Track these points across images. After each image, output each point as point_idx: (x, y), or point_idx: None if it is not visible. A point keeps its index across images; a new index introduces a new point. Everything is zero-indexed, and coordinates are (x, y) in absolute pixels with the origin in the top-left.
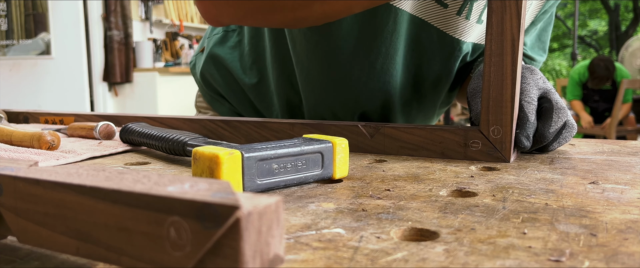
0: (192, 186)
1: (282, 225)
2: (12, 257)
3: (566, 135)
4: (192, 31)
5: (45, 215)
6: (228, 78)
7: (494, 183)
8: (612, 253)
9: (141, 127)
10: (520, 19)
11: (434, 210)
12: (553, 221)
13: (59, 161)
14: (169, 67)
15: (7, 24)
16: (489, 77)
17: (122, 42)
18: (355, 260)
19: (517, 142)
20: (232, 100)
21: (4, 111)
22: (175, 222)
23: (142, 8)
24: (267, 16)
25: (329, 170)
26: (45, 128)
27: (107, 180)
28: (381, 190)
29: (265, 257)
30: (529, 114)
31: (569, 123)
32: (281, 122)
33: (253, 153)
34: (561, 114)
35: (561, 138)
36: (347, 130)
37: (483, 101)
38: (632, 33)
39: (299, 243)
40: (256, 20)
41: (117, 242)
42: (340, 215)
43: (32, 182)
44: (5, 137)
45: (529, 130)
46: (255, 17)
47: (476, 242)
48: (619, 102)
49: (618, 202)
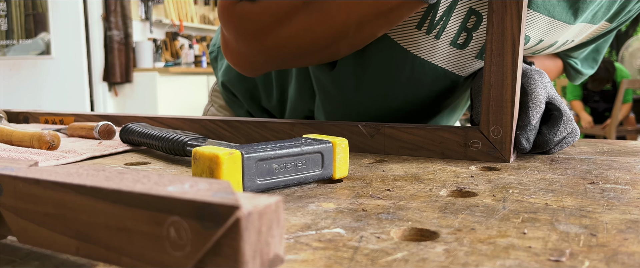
0: (192, 186)
1: (282, 225)
2: (12, 257)
3: (569, 140)
4: (192, 31)
5: (45, 215)
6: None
7: (494, 183)
8: (612, 253)
9: (141, 127)
10: (520, 18)
11: (434, 210)
12: (553, 221)
13: (59, 161)
14: (169, 67)
15: (7, 24)
16: (489, 77)
17: (122, 42)
18: (355, 260)
19: (517, 143)
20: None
21: (4, 111)
22: (175, 222)
23: (142, 8)
24: (298, 62)
25: (329, 170)
26: (45, 128)
27: (107, 180)
28: (381, 190)
29: (265, 257)
30: (533, 117)
31: (573, 130)
32: (281, 122)
33: (253, 153)
34: (568, 124)
35: (563, 143)
36: (347, 130)
37: (483, 101)
38: (632, 33)
39: (299, 243)
40: (290, 66)
41: (117, 242)
42: (340, 215)
43: (32, 182)
44: (5, 137)
45: (530, 132)
46: (288, 64)
47: (476, 242)
48: (619, 102)
49: (618, 202)
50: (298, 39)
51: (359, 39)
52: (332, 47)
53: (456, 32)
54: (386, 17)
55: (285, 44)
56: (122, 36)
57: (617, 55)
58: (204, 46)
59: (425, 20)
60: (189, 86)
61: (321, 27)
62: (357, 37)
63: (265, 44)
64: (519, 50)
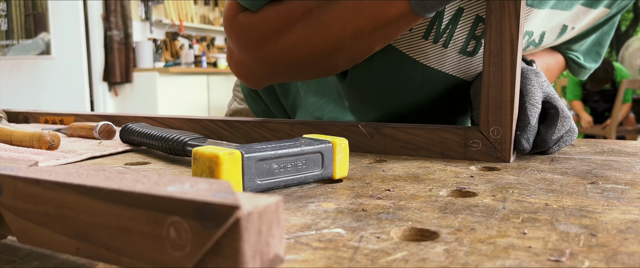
0: (192, 186)
1: (282, 225)
2: (12, 257)
3: (567, 139)
4: (192, 31)
5: (45, 215)
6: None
7: (494, 183)
8: (612, 253)
9: (141, 127)
10: (518, 18)
11: (434, 210)
12: (553, 221)
13: (59, 161)
14: (169, 67)
15: (7, 24)
16: (489, 77)
17: (122, 42)
18: (355, 260)
19: (517, 144)
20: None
21: (4, 111)
22: (175, 222)
23: (142, 8)
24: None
25: (329, 170)
26: (45, 128)
27: (107, 180)
28: (381, 190)
29: (265, 257)
30: (531, 117)
31: (571, 129)
32: (281, 122)
33: (253, 153)
34: (565, 122)
35: (562, 142)
36: (347, 130)
37: (483, 101)
38: (632, 33)
39: (299, 243)
40: (291, 79)
41: (117, 242)
42: (340, 215)
43: (32, 182)
44: (5, 137)
45: (529, 133)
46: (288, 76)
47: (476, 242)
48: (619, 102)
49: (618, 202)
50: (296, 50)
51: (356, 52)
52: (330, 59)
53: (465, 40)
54: (382, 31)
55: (284, 54)
56: (122, 36)
57: (617, 55)
58: (204, 46)
59: (431, 30)
60: (189, 86)
61: (318, 38)
62: (354, 50)
63: (265, 54)
64: (518, 50)
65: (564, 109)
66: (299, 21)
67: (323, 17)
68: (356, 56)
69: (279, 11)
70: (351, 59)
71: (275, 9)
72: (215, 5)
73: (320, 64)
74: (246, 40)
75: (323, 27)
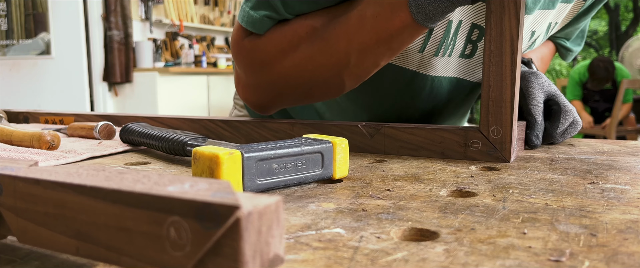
0: (192, 186)
1: (282, 225)
2: (12, 257)
3: (571, 130)
4: (192, 31)
5: (45, 215)
6: None
7: (494, 183)
8: (612, 253)
9: (141, 127)
10: (519, 19)
11: (434, 210)
12: (553, 221)
13: (59, 161)
14: (169, 67)
15: (7, 24)
16: (489, 77)
17: (122, 42)
18: (355, 260)
19: (528, 141)
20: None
21: (4, 111)
22: (175, 221)
23: (142, 8)
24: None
25: (329, 170)
26: (45, 128)
27: (107, 180)
28: (381, 190)
29: (265, 256)
30: (537, 116)
31: (574, 121)
32: (281, 122)
33: (253, 153)
34: (568, 115)
35: (566, 134)
36: (347, 130)
37: (483, 101)
38: (632, 33)
39: (299, 243)
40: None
41: (117, 242)
42: (340, 215)
43: (32, 181)
44: (5, 137)
45: (538, 130)
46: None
47: (476, 242)
48: (619, 102)
49: (618, 202)
50: (301, 68)
51: (362, 69)
52: (336, 77)
53: (463, 45)
54: (387, 44)
55: (290, 74)
56: (122, 36)
57: (617, 55)
58: (204, 46)
59: (441, 48)
60: (189, 86)
61: (323, 55)
62: (359, 66)
63: (271, 75)
64: (518, 50)
65: (566, 103)
66: (304, 40)
67: (327, 34)
68: (362, 73)
69: (284, 32)
70: (357, 76)
71: (280, 30)
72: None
73: (326, 82)
74: (252, 62)
75: (327, 43)
